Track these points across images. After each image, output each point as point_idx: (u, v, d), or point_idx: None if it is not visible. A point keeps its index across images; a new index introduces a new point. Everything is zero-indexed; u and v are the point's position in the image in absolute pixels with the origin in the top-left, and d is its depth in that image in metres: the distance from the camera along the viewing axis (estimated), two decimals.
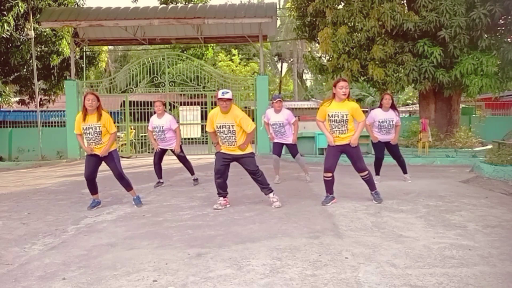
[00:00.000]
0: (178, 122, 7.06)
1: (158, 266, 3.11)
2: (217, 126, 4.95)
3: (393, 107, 6.41)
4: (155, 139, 6.67)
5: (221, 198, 5.11)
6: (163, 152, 6.83)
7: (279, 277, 2.83)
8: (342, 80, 4.98)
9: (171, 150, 6.77)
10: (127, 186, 5.31)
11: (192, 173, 6.97)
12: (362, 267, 2.97)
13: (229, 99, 4.85)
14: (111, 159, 5.19)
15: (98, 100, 5.09)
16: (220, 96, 4.82)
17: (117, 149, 5.45)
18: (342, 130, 4.92)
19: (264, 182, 5.09)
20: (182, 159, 6.87)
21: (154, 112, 6.76)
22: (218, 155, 5.10)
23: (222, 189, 5.10)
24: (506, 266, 2.95)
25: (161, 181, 6.87)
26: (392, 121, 6.33)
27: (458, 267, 2.94)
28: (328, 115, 4.95)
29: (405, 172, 6.73)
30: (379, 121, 6.35)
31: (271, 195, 5.09)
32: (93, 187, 5.27)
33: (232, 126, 4.89)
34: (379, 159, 6.62)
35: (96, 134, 5.03)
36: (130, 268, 3.08)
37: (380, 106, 6.44)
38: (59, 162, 11.98)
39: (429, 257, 3.14)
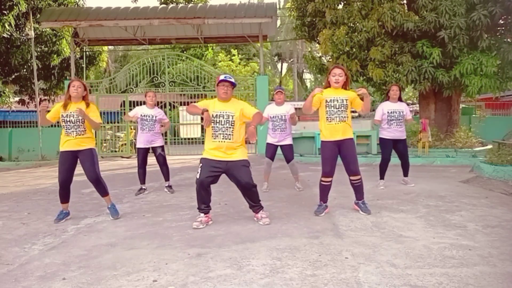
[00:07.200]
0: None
1: (158, 266, 3.11)
2: (212, 116, 4.14)
3: (400, 100, 6.14)
4: (141, 129, 6.23)
5: (202, 215, 4.26)
6: (146, 152, 6.36)
7: (279, 277, 2.82)
8: (337, 67, 4.42)
9: (153, 149, 6.30)
10: (104, 192, 4.67)
11: (167, 179, 6.42)
12: (362, 267, 2.96)
13: (232, 84, 4.17)
14: (89, 157, 4.50)
15: (85, 89, 4.55)
16: (221, 78, 4.12)
17: (96, 149, 4.82)
18: (342, 116, 4.36)
19: (256, 199, 4.30)
20: (162, 159, 6.35)
21: (143, 103, 6.45)
22: (206, 162, 4.15)
23: (205, 203, 4.22)
24: (506, 266, 2.94)
25: (144, 187, 6.32)
26: (402, 112, 5.96)
27: (458, 267, 2.94)
28: (326, 101, 4.36)
29: (406, 174, 6.33)
30: (388, 112, 5.96)
31: (261, 212, 4.34)
32: (66, 195, 4.61)
33: (232, 116, 4.14)
34: (386, 160, 6.16)
35: (79, 123, 4.43)
36: (130, 268, 3.08)
37: (388, 99, 6.16)
38: None
39: (429, 257, 3.14)
